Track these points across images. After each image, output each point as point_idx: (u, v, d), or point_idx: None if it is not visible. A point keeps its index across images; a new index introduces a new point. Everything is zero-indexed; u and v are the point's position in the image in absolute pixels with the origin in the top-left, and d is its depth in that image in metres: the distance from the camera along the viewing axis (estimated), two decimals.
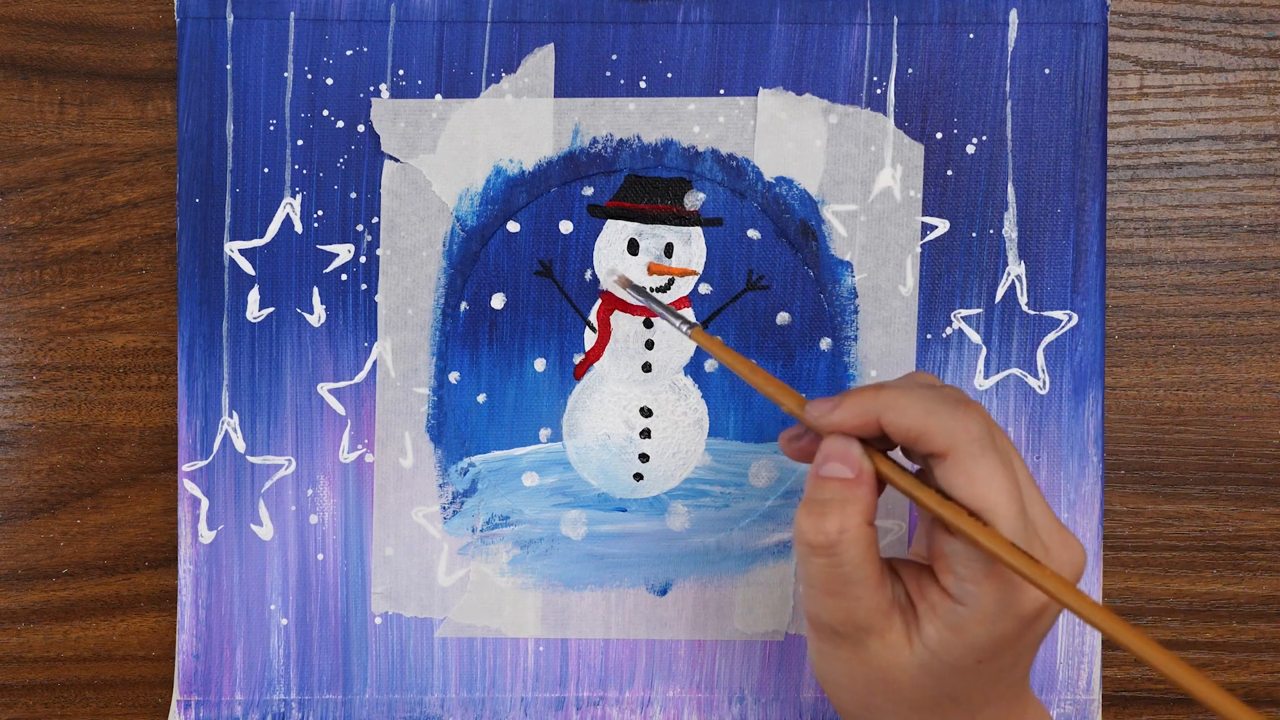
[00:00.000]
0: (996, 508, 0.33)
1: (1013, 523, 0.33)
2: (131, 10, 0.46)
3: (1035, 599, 0.33)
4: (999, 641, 0.34)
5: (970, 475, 0.33)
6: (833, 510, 0.34)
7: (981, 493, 0.33)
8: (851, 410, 0.35)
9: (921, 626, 0.34)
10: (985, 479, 0.33)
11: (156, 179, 0.46)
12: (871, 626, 0.35)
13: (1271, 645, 0.46)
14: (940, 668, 0.34)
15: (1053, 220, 0.45)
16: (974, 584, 0.33)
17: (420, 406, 0.45)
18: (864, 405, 0.35)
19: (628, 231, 0.45)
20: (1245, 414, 0.46)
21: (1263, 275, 0.46)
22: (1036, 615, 0.34)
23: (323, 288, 0.45)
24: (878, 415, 0.34)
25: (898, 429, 0.34)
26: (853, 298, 0.45)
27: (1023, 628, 0.34)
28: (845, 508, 0.34)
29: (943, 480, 0.34)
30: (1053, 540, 0.34)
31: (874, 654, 0.35)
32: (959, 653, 0.34)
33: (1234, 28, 0.46)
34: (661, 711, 0.46)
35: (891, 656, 0.35)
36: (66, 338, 0.46)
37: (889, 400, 0.34)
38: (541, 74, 0.45)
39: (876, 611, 0.34)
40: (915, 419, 0.34)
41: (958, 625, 0.34)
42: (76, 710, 0.47)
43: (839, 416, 0.35)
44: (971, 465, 0.33)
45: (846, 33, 0.45)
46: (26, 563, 0.46)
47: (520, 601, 0.46)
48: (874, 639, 0.35)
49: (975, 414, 0.34)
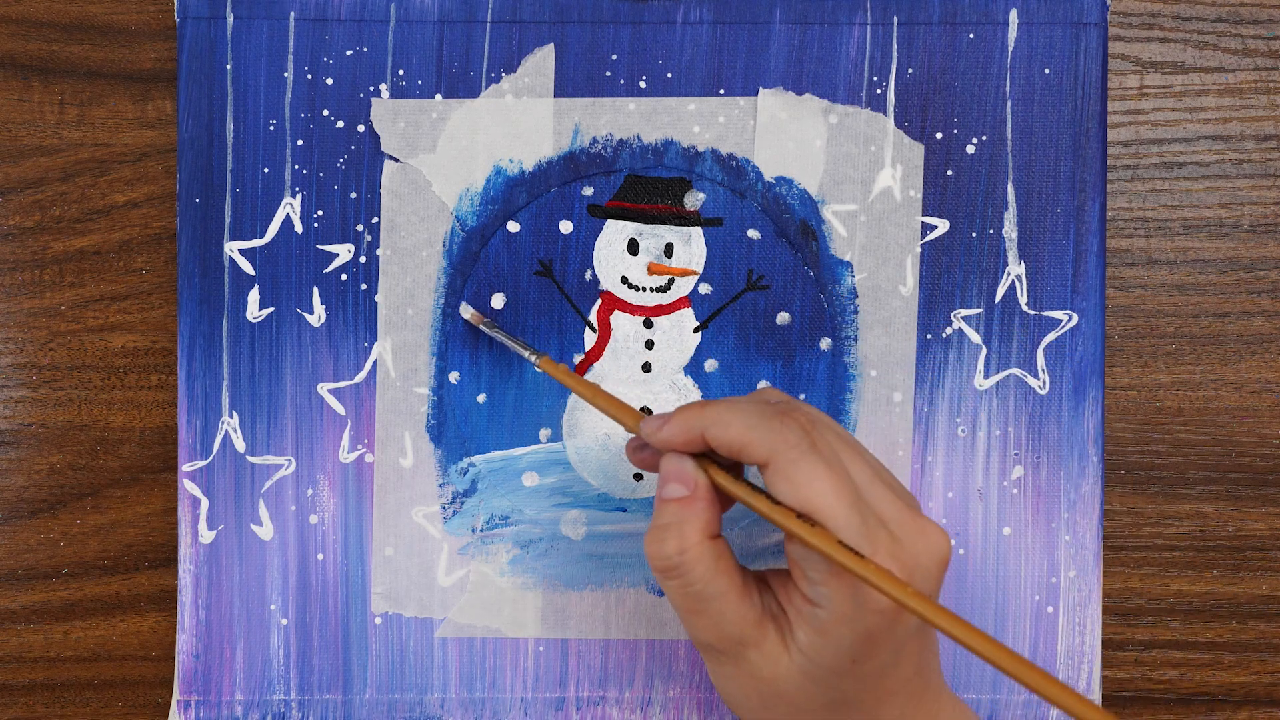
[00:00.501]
0: (823, 508, 0.33)
1: (842, 520, 0.33)
2: (131, 10, 0.46)
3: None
4: (865, 638, 0.34)
5: (792, 480, 0.34)
6: (670, 533, 0.35)
7: (805, 495, 0.34)
8: (678, 427, 0.36)
9: (794, 633, 0.35)
10: (807, 482, 0.34)
11: (156, 179, 0.46)
12: (745, 639, 0.35)
13: (1271, 645, 0.46)
14: (819, 671, 0.35)
15: (1053, 220, 0.45)
16: (825, 585, 0.34)
17: (420, 406, 0.45)
18: (689, 422, 0.36)
19: (628, 231, 0.45)
20: (1245, 414, 0.46)
21: (1263, 275, 0.46)
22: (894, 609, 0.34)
23: (323, 288, 0.45)
24: (702, 430, 0.36)
25: (720, 443, 0.35)
26: (853, 298, 0.45)
27: (886, 622, 0.34)
28: (683, 528, 0.35)
29: (771, 488, 0.35)
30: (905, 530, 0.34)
31: (756, 666, 0.35)
32: (831, 654, 0.34)
33: (1234, 28, 0.46)
34: (661, 711, 0.46)
35: (772, 666, 0.35)
36: (66, 338, 0.46)
37: (713, 416, 0.36)
38: (541, 74, 0.45)
39: (745, 623, 0.35)
40: (736, 433, 0.35)
41: (821, 628, 0.34)
42: (76, 710, 0.47)
43: (668, 434, 0.36)
44: (791, 470, 0.34)
45: (846, 33, 0.45)
46: (26, 563, 0.46)
47: (520, 601, 0.46)
48: (752, 650, 0.35)
49: (794, 420, 0.35)
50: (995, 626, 0.45)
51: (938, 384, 0.45)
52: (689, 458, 0.36)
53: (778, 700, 0.36)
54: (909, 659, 0.36)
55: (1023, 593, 0.45)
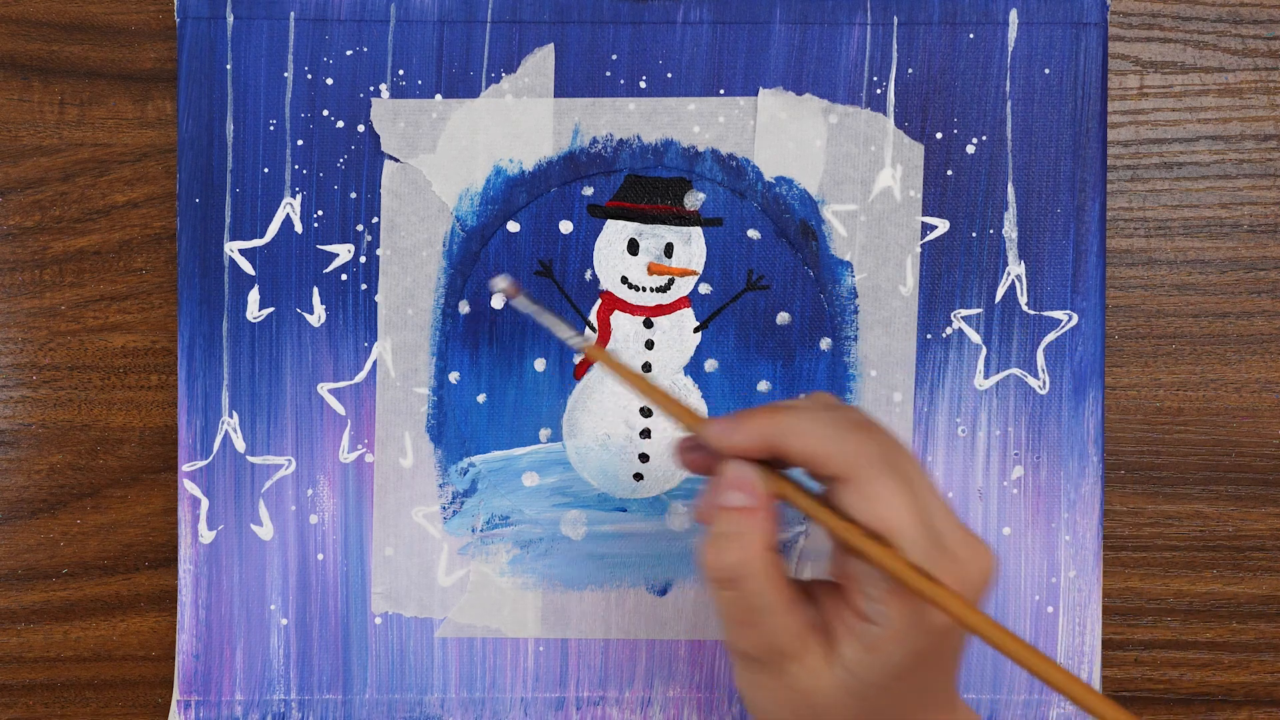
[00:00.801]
0: (896, 528, 0.33)
1: (915, 541, 0.33)
2: (131, 10, 0.46)
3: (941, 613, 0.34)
4: (915, 657, 0.34)
5: (869, 497, 0.33)
6: (732, 543, 0.34)
7: (882, 514, 0.33)
8: (750, 433, 0.35)
9: (839, 647, 0.34)
10: (884, 500, 0.33)
11: (156, 179, 0.46)
12: (788, 651, 0.35)
13: (1271, 645, 0.46)
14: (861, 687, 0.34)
15: (1053, 220, 0.45)
16: (883, 603, 0.33)
17: (420, 406, 0.45)
18: (763, 429, 0.35)
19: (628, 231, 0.45)
20: (1245, 414, 0.46)
21: (1263, 275, 0.46)
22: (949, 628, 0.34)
23: (323, 288, 0.45)
24: (777, 439, 0.34)
25: (796, 453, 0.34)
26: (853, 298, 0.45)
27: (937, 640, 0.34)
28: (744, 539, 0.34)
29: (843, 502, 0.34)
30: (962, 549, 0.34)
31: (795, 678, 0.35)
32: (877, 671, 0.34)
33: (1234, 28, 0.46)
34: (661, 711, 0.46)
35: (812, 680, 0.35)
36: (66, 338, 0.46)
37: (788, 424, 0.34)
38: (541, 74, 0.45)
39: (791, 636, 0.35)
40: (814, 443, 0.34)
41: (872, 644, 0.34)
42: (76, 710, 0.47)
43: (739, 439, 0.35)
44: (869, 488, 0.33)
45: (846, 33, 0.45)
46: (26, 563, 0.46)
47: (520, 601, 0.46)
48: (793, 663, 0.35)
49: (873, 436, 0.34)
50: None
51: (938, 384, 0.45)
52: (753, 465, 0.35)
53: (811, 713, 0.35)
54: (946, 675, 0.36)
55: (1023, 592, 0.45)
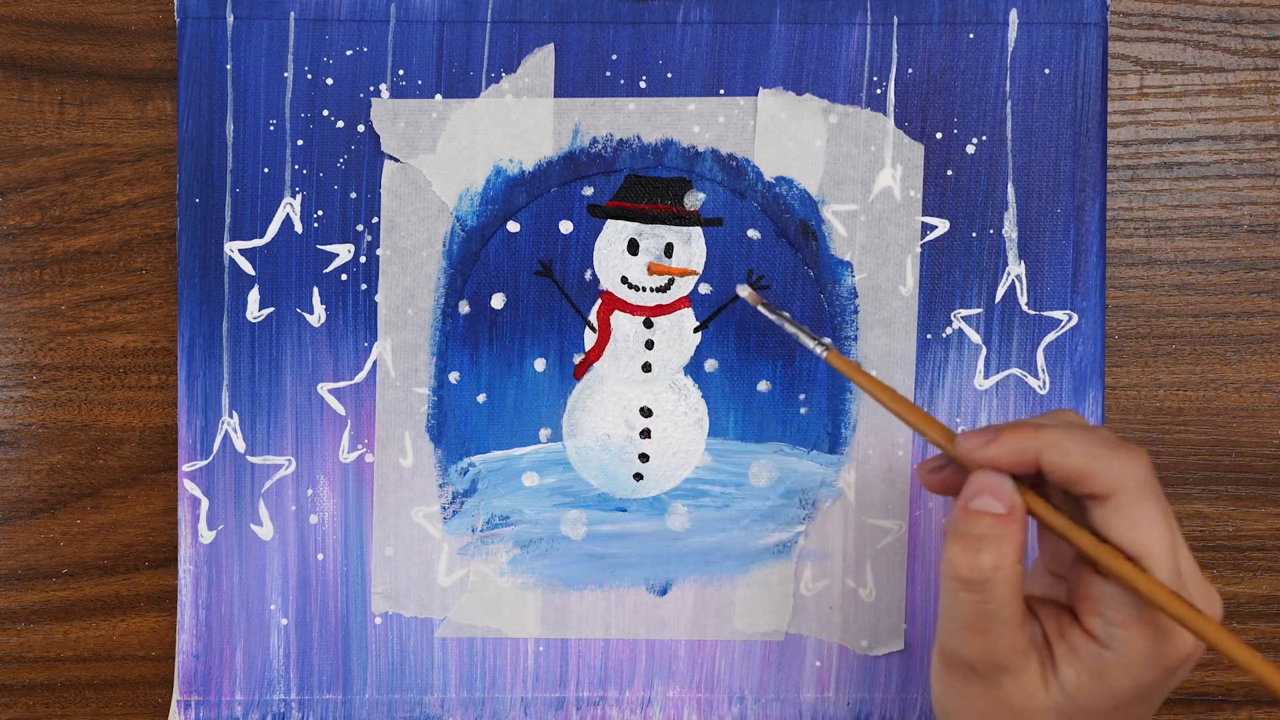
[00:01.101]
0: (1156, 554, 0.32)
1: (1169, 570, 0.32)
2: (131, 10, 0.46)
3: (1181, 648, 0.33)
4: (1140, 689, 0.33)
5: (1132, 520, 0.33)
6: (988, 546, 0.33)
7: (1142, 539, 0.33)
8: (1009, 446, 0.34)
9: (1059, 669, 0.34)
10: (1148, 524, 0.33)
11: (156, 179, 0.46)
12: (1009, 666, 0.34)
13: (1271, 645, 0.46)
14: (1074, 712, 0.34)
15: (1053, 220, 0.45)
16: (1123, 628, 0.33)
17: (420, 406, 0.45)
18: (1022, 443, 0.34)
19: (628, 231, 0.45)
20: (1245, 414, 0.46)
21: (1263, 275, 0.46)
22: (1180, 664, 0.33)
23: (323, 288, 0.45)
24: (1037, 453, 0.34)
25: (1059, 468, 0.33)
26: (853, 298, 0.45)
27: (1165, 676, 0.33)
28: (1000, 544, 0.33)
29: (1101, 522, 0.33)
30: (1198, 590, 0.34)
31: (1007, 694, 0.34)
32: (1097, 699, 0.33)
33: (1234, 28, 0.46)
34: (661, 711, 0.46)
35: (1025, 698, 0.34)
36: (66, 338, 0.46)
37: (1050, 439, 0.34)
38: (541, 74, 0.45)
39: (1015, 651, 0.34)
40: (1079, 460, 0.33)
41: (1100, 670, 0.33)
42: (76, 710, 0.47)
43: (995, 452, 0.34)
44: (1134, 510, 0.33)
45: (846, 33, 0.45)
46: (26, 563, 0.46)
47: (520, 601, 0.46)
48: (1009, 679, 0.34)
49: (1139, 457, 0.34)
50: None
51: (938, 384, 0.45)
52: (1008, 477, 0.34)
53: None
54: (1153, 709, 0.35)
55: None
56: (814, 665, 0.46)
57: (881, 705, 0.46)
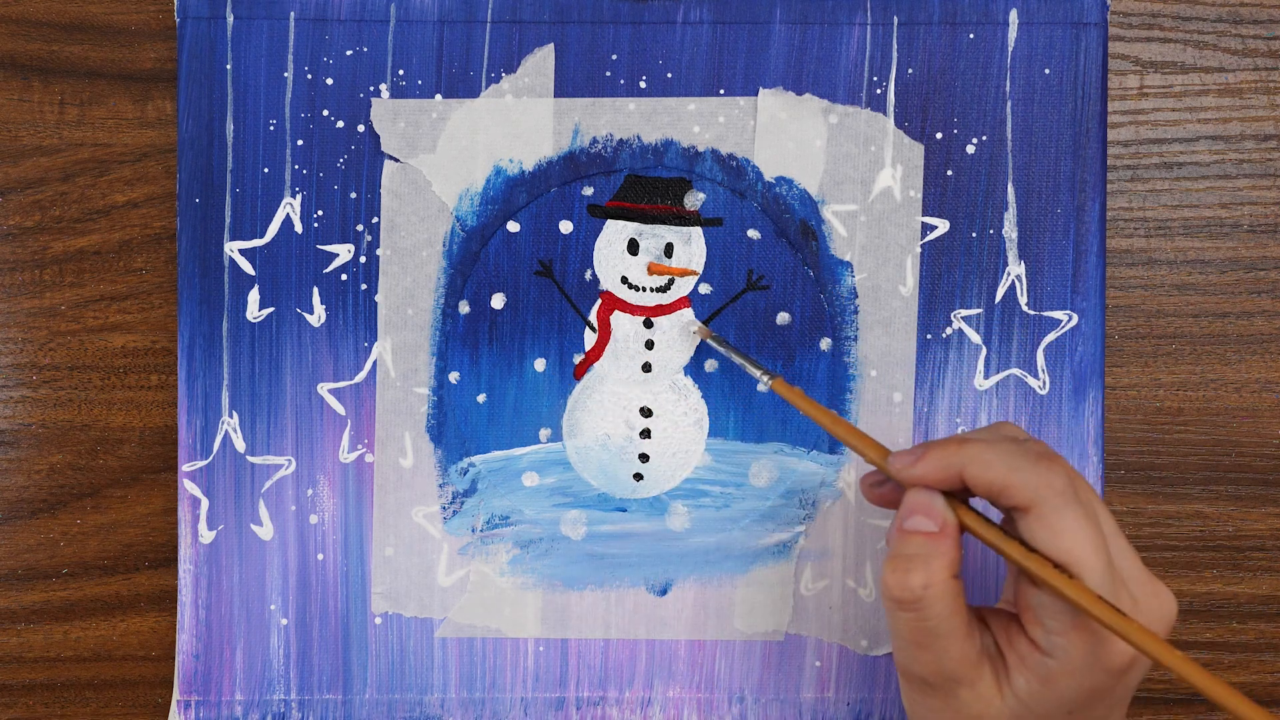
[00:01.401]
0: (1082, 560, 0.33)
1: (1099, 575, 0.33)
2: (131, 10, 0.46)
3: (1124, 651, 0.33)
4: (1089, 694, 0.34)
5: (1054, 529, 0.33)
6: (917, 565, 0.34)
7: (1067, 546, 0.33)
8: (934, 464, 0.35)
9: (1011, 677, 0.34)
10: (1070, 532, 0.33)
11: (156, 179, 0.46)
12: (961, 677, 0.35)
13: (1271, 645, 0.46)
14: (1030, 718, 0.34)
15: (1053, 220, 0.45)
16: (1062, 636, 0.33)
17: (420, 406, 0.45)
18: (947, 459, 0.35)
19: (628, 231, 0.45)
20: (1245, 414, 0.46)
21: (1263, 275, 0.46)
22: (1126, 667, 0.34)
23: (323, 288, 0.45)
24: (960, 469, 0.35)
25: (981, 483, 0.34)
26: (853, 298, 0.45)
27: (1113, 680, 0.34)
28: (930, 562, 0.34)
29: (1027, 533, 0.34)
30: (1142, 590, 0.34)
31: (965, 704, 0.35)
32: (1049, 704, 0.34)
33: (1234, 28, 0.46)
34: (661, 711, 0.46)
35: (982, 707, 0.35)
36: (66, 338, 0.46)
37: (972, 454, 0.35)
38: (541, 74, 0.45)
39: (965, 662, 0.34)
40: (999, 474, 0.34)
41: (1046, 677, 0.34)
42: (76, 710, 0.47)
43: (921, 470, 0.35)
44: (1055, 519, 0.33)
45: (846, 33, 0.45)
46: (26, 563, 0.46)
47: (520, 601, 0.46)
48: (964, 689, 0.35)
49: (1058, 467, 0.34)
50: None
51: (938, 384, 0.45)
52: (939, 494, 0.36)
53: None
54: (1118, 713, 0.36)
55: None
56: (814, 665, 0.46)
57: (881, 705, 0.46)
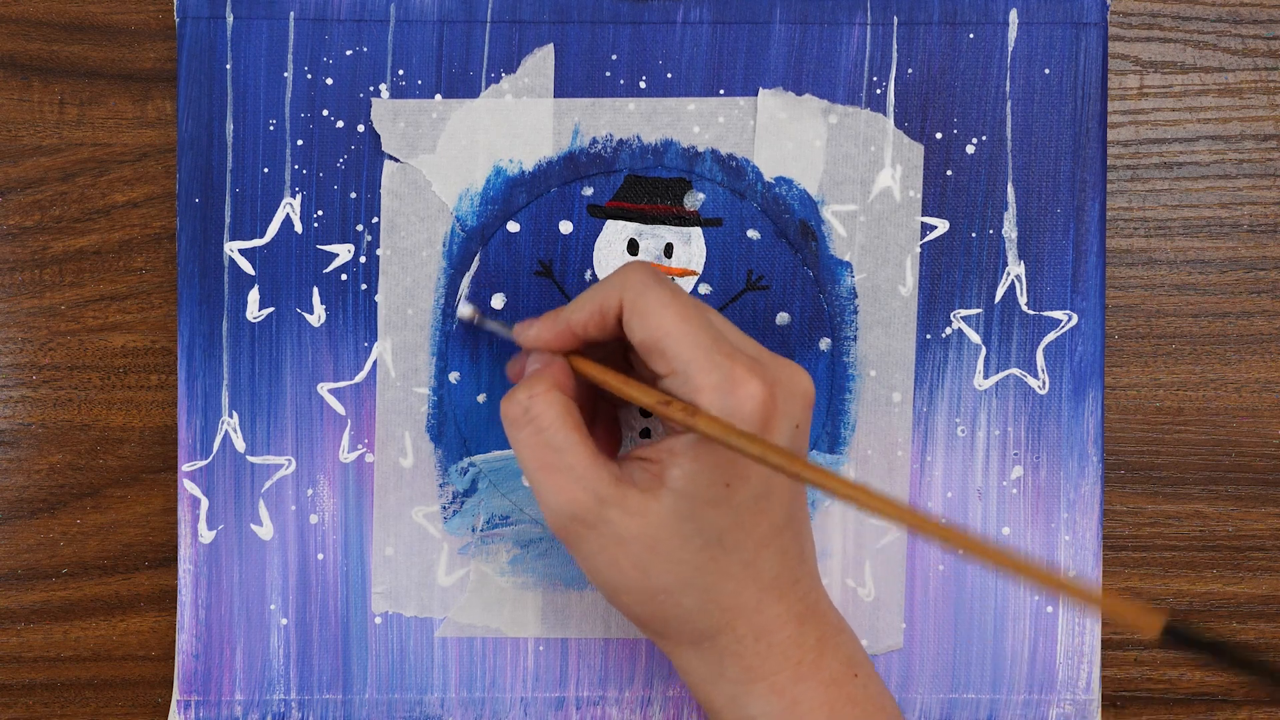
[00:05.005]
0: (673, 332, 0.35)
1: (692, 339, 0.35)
2: (131, 10, 0.46)
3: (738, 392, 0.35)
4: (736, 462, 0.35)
5: (642, 312, 0.36)
6: (522, 388, 0.37)
7: (657, 323, 0.36)
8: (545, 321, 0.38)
9: (666, 475, 0.36)
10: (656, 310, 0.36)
11: (156, 179, 0.46)
12: (604, 496, 0.35)
13: (1271, 645, 0.46)
14: (691, 506, 0.35)
15: (1053, 220, 0.45)
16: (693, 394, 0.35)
17: (420, 406, 0.45)
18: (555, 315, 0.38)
19: (627, 232, 0.45)
20: (1245, 414, 0.46)
21: (1263, 275, 0.46)
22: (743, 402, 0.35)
23: (323, 288, 0.45)
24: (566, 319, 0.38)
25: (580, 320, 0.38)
26: (852, 298, 0.45)
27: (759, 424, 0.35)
28: (533, 382, 0.37)
29: (627, 330, 0.37)
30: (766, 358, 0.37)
31: (621, 526, 0.36)
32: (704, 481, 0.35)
33: (1234, 28, 0.46)
34: (661, 711, 0.46)
35: (641, 519, 0.35)
36: (66, 338, 0.46)
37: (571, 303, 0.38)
38: (541, 74, 0.45)
39: (602, 481, 0.36)
40: (587, 299, 0.37)
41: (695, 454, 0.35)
42: (76, 710, 0.47)
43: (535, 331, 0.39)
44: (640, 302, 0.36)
45: (846, 33, 0.45)
46: (26, 563, 0.46)
47: (520, 601, 0.46)
48: (613, 509, 0.36)
49: (638, 264, 0.38)
50: (995, 626, 0.45)
51: (937, 384, 0.45)
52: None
53: (652, 555, 0.36)
54: (779, 501, 0.37)
55: (1022, 592, 0.45)
56: None
57: None
